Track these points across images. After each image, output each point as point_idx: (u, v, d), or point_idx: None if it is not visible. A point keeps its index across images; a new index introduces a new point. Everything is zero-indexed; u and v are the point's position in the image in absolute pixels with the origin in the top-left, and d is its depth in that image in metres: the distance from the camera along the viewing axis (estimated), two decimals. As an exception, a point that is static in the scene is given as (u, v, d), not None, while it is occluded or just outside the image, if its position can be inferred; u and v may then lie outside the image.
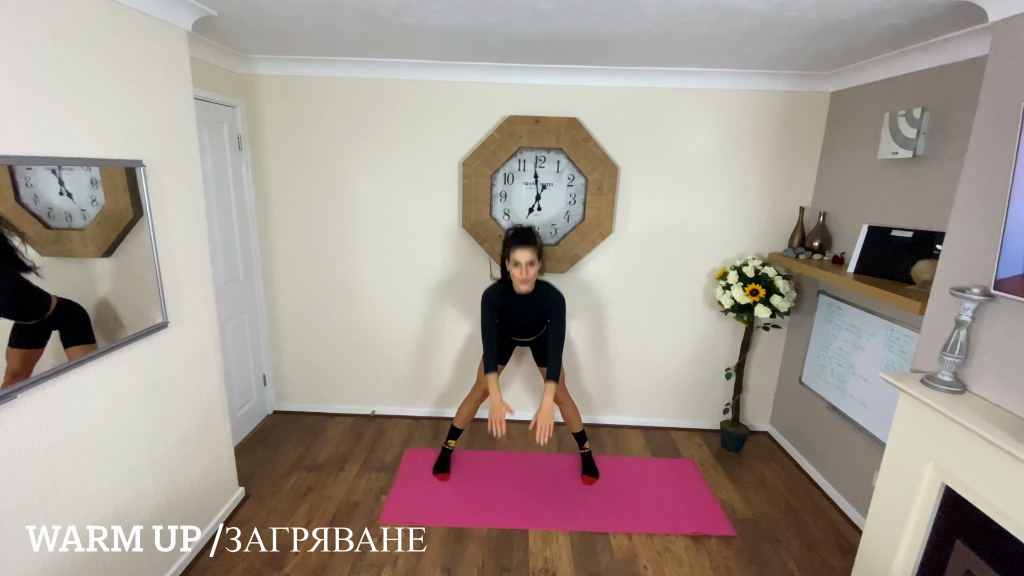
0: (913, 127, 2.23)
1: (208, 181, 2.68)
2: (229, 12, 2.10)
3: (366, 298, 3.34)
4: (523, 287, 2.44)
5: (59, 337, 1.55)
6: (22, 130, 1.42)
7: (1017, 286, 1.43)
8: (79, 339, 1.62)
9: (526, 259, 2.38)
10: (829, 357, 2.86)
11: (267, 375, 3.45)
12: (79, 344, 1.61)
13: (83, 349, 1.62)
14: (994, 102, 1.60)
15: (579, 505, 2.65)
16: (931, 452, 1.66)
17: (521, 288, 2.45)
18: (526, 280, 2.41)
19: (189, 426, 2.21)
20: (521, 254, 2.38)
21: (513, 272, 2.42)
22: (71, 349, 1.58)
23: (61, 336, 1.56)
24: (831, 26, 2.04)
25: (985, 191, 1.61)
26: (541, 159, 3.05)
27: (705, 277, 3.24)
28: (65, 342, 1.57)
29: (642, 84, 2.93)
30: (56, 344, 1.55)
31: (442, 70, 2.91)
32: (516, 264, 2.40)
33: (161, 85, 1.95)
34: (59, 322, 1.55)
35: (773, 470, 3.05)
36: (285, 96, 3.00)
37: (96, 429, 1.71)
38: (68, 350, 1.57)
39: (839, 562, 2.34)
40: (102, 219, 1.70)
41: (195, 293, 2.21)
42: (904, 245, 2.30)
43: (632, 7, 1.90)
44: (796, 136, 3.00)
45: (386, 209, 3.17)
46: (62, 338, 1.56)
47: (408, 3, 1.94)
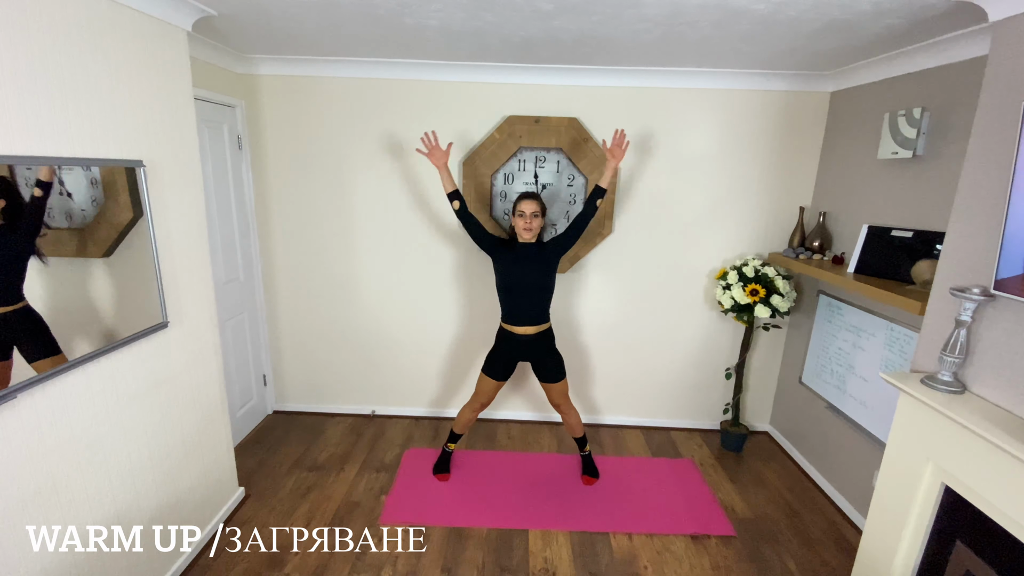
0: (913, 127, 2.23)
1: (208, 181, 2.68)
2: (229, 12, 2.10)
3: (366, 298, 3.34)
4: (526, 235, 2.53)
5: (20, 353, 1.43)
6: (22, 130, 1.42)
7: (1017, 286, 1.43)
8: (41, 352, 1.48)
9: (530, 209, 2.49)
10: (829, 357, 2.86)
11: (267, 375, 3.45)
12: (43, 358, 1.48)
13: (51, 362, 1.49)
14: (994, 102, 1.59)
15: (579, 505, 2.65)
16: (931, 452, 1.66)
17: (524, 236, 2.54)
18: (529, 228, 2.51)
19: (189, 426, 2.21)
20: (526, 205, 2.50)
21: (518, 223, 2.53)
22: (36, 363, 1.46)
23: (20, 351, 1.43)
24: (831, 26, 2.04)
25: (985, 191, 1.61)
26: (541, 159, 3.05)
27: (705, 277, 3.24)
28: (27, 357, 1.44)
29: (642, 84, 2.93)
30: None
31: (442, 70, 2.91)
32: (520, 215, 2.51)
33: (161, 85, 1.95)
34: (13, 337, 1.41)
35: (773, 470, 3.05)
36: (285, 96, 3.00)
37: (96, 429, 1.71)
38: (33, 365, 1.45)
39: (839, 562, 2.34)
40: (102, 219, 1.70)
41: (195, 293, 2.21)
42: (904, 245, 2.30)
43: (632, 7, 1.89)
44: (796, 136, 3.00)
45: (386, 209, 3.17)
46: (22, 353, 1.43)
47: (408, 3, 1.94)
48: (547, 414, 3.50)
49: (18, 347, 1.43)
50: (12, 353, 1.42)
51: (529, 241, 2.56)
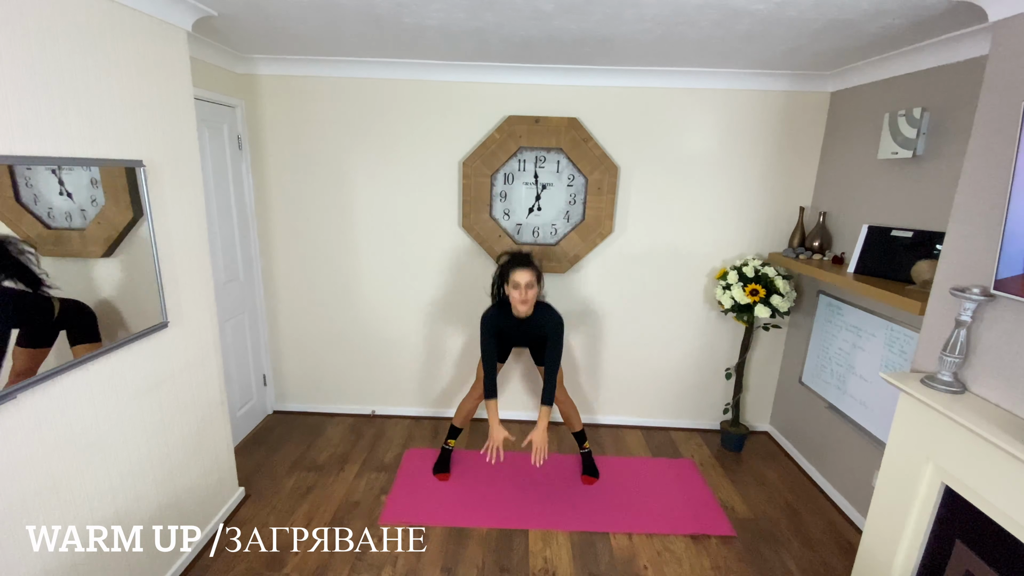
0: (913, 127, 2.23)
1: (208, 181, 2.68)
2: (229, 12, 2.10)
3: (366, 298, 3.34)
4: (522, 308, 2.40)
5: (66, 336, 1.59)
6: (22, 130, 1.42)
7: (1017, 286, 1.43)
8: (85, 337, 1.65)
9: (525, 280, 2.35)
10: (829, 357, 2.86)
11: (267, 375, 3.45)
12: (85, 343, 1.65)
13: (88, 347, 1.66)
14: (994, 102, 1.59)
15: (579, 505, 2.65)
16: (931, 452, 1.66)
17: (520, 310, 2.41)
18: (525, 301, 2.37)
19: (189, 426, 2.20)
20: (520, 275, 2.36)
21: (512, 294, 2.38)
22: (77, 347, 1.62)
23: (68, 335, 1.59)
24: (831, 26, 2.04)
25: (985, 191, 1.61)
26: (541, 159, 3.05)
27: (705, 277, 3.24)
28: (72, 340, 1.61)
29: (642, 84, 2.93)
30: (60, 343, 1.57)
31: (442, 70, 2.91)
32: (516, 286, 2.36)
33: (161, 85, 1.95)
34: (66, 322, 1.58)
35: (773, 470, 3.05)
36: (285, 96, 3.00)
37: (96, 429, 1.71)
38: (74, 348, 1.61)
39: (839, 562, 2.34)
40: (102, 219, 1.70)
41: (195, 293, 2.21)
42: (904, 245, 2.30)
43: (632, 7, 1.89)
44: (796, 136, 3.00)
45: (386, 209, 3.17)
46: (69, 337, 1.59)
47: (408, 3, 1.94)
48: (547, 414, 3.50)
49: (67, 331, 1.59)
50: (54, 342, 1.55)
51: (525, 315, 2.45)
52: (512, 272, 2.37)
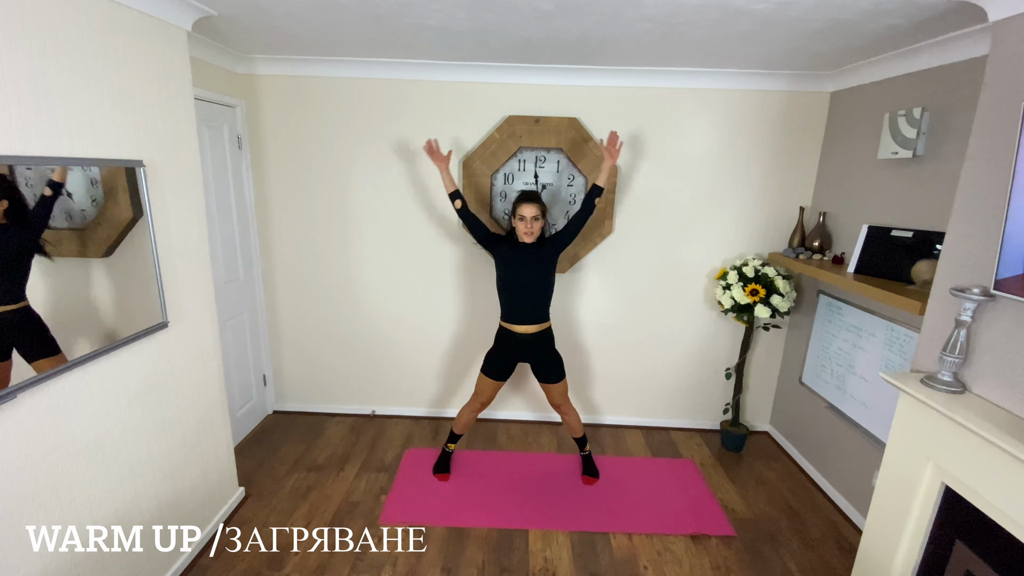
0: (913, 127, 2.23)
1: (208, 181, 2.68)
2: (229, 12, 2.10)
3: (366, 298, 3.34)
4: (527, 239, 2.55)
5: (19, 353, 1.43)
6: (22, 130, 1.42)
7: (1017, 286, 1.43)
8: (40, 352, 1.48)
9: (531, 214, 2.50)
10: (829, 357, 2.86)
11: (267, 375, 3.45)
12: (42, 358, 1.49)
13: (50, 362, 1.50)
14: (994, 102, 1.59)
15: (579, 505, 2.65)
16: (931, 452, 1.66)
17: (525, 239, 2.56)
18: (530, 233, 2.52)
19: (189, 426, 2.20)
20: (527, 209, 2.51)
21: (518, 226, 2.54)
22: (36, 364, 1.47)
23: (19, 352, 1.43)
24: (831, 26, 2.04)
25: (985, 191, 1.61)
26: (541, 159, 3.05)
27: (705, 277, 3.24)
28: (26, 357, 1.45)
29: (642, 84, 2.93)
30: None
31: (442, 70, 2.91)
32: (521, 219, 2.52)
33: (161, 85, 1.95)
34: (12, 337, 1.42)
35: (773, 470, 3.05)
36: (285, 96, 3.00)
37: (96, 429, 1.71)
38: (33, 365, 1.46)
39: (839, 562, 2.34)
40: (102, 219, 1.70)
41: (195, 293, 2.21)
42: (904, 245, 2.30)
43: (632, 7, 1.89)
44: (796, 136, 3.00)
45: (386, 209, 3.17)
46: (21, 354, 1.43)
47: (408, 3, 1.94)
48: (547, 414, 3.50)
49: (17, 347, 1.43)
50: (12, 353, 1.42)
51: (530, 243, 2.58)
52: (519, 206, 2.53)
